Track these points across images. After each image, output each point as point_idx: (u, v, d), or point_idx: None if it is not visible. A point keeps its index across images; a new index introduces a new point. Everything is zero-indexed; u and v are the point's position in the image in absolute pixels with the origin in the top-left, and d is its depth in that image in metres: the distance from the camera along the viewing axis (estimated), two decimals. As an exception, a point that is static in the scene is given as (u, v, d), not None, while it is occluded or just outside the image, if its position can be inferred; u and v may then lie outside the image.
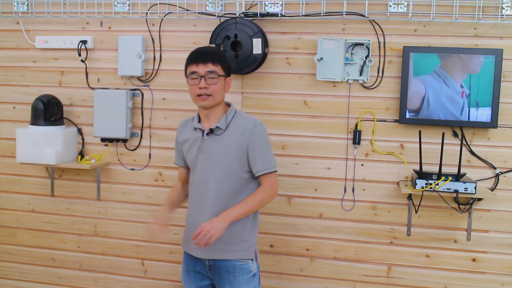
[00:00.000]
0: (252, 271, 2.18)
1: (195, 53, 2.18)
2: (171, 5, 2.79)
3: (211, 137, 2.16)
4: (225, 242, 2.14)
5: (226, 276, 2.16)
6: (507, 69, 2.55)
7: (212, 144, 2.16)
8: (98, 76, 2.95)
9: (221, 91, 2.15)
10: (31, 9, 2.95)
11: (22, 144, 2.83)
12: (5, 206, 3.16)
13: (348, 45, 2.64)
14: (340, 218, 2.78)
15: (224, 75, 2.15)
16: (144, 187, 2.97)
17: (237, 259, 2.16)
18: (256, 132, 2.14)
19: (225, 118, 2.16)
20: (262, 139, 2.16)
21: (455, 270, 2.70)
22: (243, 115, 2.23)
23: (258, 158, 2.13)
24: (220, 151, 2.14)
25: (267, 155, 2.16)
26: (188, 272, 2.27)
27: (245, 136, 2.13)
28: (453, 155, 2.55)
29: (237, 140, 2.13)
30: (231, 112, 2.19)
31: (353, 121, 2.71)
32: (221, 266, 2.16)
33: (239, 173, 2.14)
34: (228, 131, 2.15)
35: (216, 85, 2.11)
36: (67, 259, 3.11)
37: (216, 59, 2.13)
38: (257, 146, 2.14)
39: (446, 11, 2.57)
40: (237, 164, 2.14)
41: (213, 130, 2.16)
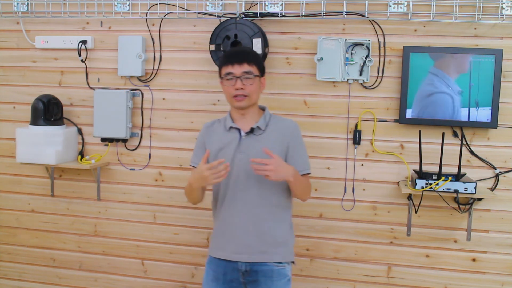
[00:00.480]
0: (288, 275, 2.15)
1: (230, 54, 2.16)
2: (171, 5, 2.79)
3: (250, 137, 2.13)
4: (269, 245, 2.11)
5: (263, 280, 2.10)
6: (507, 69, 2.55)
7: (252, 144, 2.11)
8: (98, 76, 2.95)
9: (257, 92, 2.13)
10: (31, 9, 2.95)
11: (22, 144, 2.83)
12: (5, 206, 3.16)
13: (348, 45, 2.64)
14: (340, 218, 2.78)
15: (259, 75, 2.13)
16: (144, 187, 2.97)
17: (275, 263, 2.12)
18: (297, 133, 2.18)
19: (264, 119, 2.15)
20: (302, 141, 2.19)
21: (455, 270, 2.70)
22: (279, 117, 2.23)
23: (298, 159, 2.14)
24: (261, 150, 2.07)
25: (305, 156, 2.18)
26: (217, 280, 2.15)
27: (287, 136, 2.14)
28: (453, 155, 2.55)
29: (278, 140, 2.12)
30: (268, 114, 2.19)
31: (353, 121, 2.71)
32: (258, 271, 2.10)
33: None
34: (267, 131, 2.14)
35: (252, 85, 2.09)
36: (67, 259, 3.11)
37: (251, 59, 2.11)
38: (298, 147, 2.16)
39: (446, 11, 2.57)
40: None
41: (253, 129, 2.13)
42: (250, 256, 2.10)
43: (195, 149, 2.26)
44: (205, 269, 2.23)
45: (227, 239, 2.14)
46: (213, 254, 2.20)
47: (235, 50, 2.20)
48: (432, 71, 2.56)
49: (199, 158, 2.19)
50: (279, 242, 2.14)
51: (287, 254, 2.16)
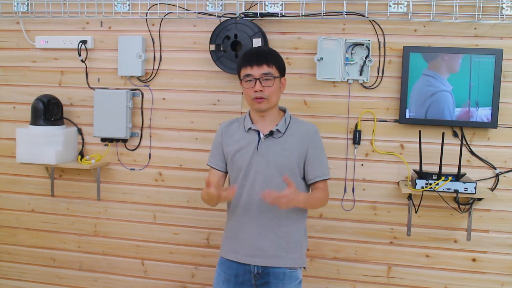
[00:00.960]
0: (299, 278, 2.14)
1: (249, 55, 2.09)
2: (171, 5, 2.79)
3: (269, 139, 2.09)
4: (284, 250, 2.09)
5: (274, 282, 2.08)
6: (507, 69, 2.55)
7: (271, 146, 2.08)
8: (98, 76, 2.95)
9: (277, 93, 2.08)
10: (31, 9, 2.95)
11: (22, 144, 2.83)
12: (5, 206, 3.16)
13: (348, 45, 2.64)
14: (340, 218, 2.78)
15: (279, 76, 2.08)
16: (144, 187, 2.97)
17: (289, 267, 2.10)
18: (317, 137, 2.13)
19: (284, 121, 2.11)
20: (321, 145, 2.15)
21: (455, 270, 2.70)
22: (299, 120, 2.18)
23: (318, 163, 2.11)
24: (280, 154, 2.06)
25: (325, 161, 2.15)
26: (228, 282, 2.13)
27: (306, 140, 2.10)
28: (453, 155, 2.55)
29: (297, 144, 2.09)
30: (288, 116, 2.14)
31: (353, 121, 2.71)
32: (270, 273, 2.09)
33: (296, 177, 2.09)
34: (287, 134, 2.10)
35: (272, 87, 2.04)
36: (67, 259, 3.11)
37: (271, 60, 2.05)
38: (317, 151, 2.12)
39: (446, 11, 2.57)
40: (296, 168, 2.09)
41: (273, 132, 2.09)
42: (263, 260, 2.08)
43: (212, 149, 2.22)
44: (216, 271, 2.20)
45: (240, 241, 2.11)
46: (225, 256, 2.17)
47: (254, 51, 2.14)
48: (426, 72, 2.55)
49: (216, 159, 2.19)
50: (293, 247, 2.12)
51: (300, 259, 2.15)
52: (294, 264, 2.11)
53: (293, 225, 2.11)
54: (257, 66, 2.03)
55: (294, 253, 2.12)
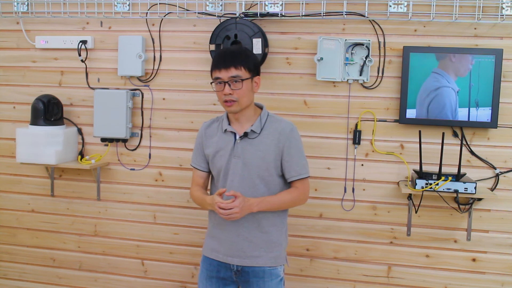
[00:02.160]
0: (280, 275, 2.15)
1: (217, 57, 2.09)
2: (171, 5, 2.79)
3: (244, 140, 2.09)
4: (263, 249, 2.11)
5: (255, 281, 2.11)
6: (507, 69, 2.55)
7: (246, 148, 2.08)
8: (98, 76, 2.95)
9: (248, 95, 2.05)
10: (31, 9, 2.95)
11: (22, 144, 2.83)
12: (5, 206, 3.16)
13: (348, 45, 2.64)
14: (340, 218, 2.78)
15: (249, 77, 2.05)
16: (144, 187, 2.97)
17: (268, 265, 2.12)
18: (293, 136, 2.11)
19: (259, 121, 2.10)
20: (298, 143, 2.13)
21: (455, 270, 2.70)
22: (276, 117, 2.15)
23: (294, 163, 2.09)
24: (256, 155, 2.07)
25: (302, 159, 2.12)
26: (211, 278, 2.18)
27: (282, 139, 2.08)
28: (453, 155, 2.55)
29: (273, 143, 2.08)
30: (264, 115, 2.13)
31: (353, 121, 2.71)
32: (250, 271, 2.11)
33: (273, 177, 2.10)
34: (262, 134, 2.09)
35: (241, 90, 2.02)
36: (67, 259, 3.11)
37: (238, 62, 2.03)
38: (293, 151, 2.09)
39: (446, 11, 2.57)
40: (272, 168, 2.09)
41: (247, 133, 2.09)
42: (242, 260, 2.11)
43: (195, 150, 2.26)
44: (200, 268, 2.25)
45: (220, 241, 2.15)
46: (206, 254, 2.22)
47: (222, 53, 2.11)
48: (435, 71, 2.55)
49: (198, 159, 2.22)
50: (273, 247, 2.13)
51: (280, 258, 2.16)
52: (274, 263, 2.13)
53: (272, 224, 2.13)
54: (225, 69, 2.02)
55: (274, 252, 2.13)
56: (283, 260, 2.17)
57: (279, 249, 2.15)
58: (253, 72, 2.08)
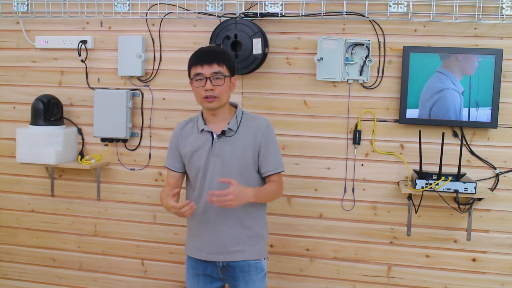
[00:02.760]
0: (264, 269, 2.20)
1: (199, 54, 2.11)
2: (171, 5, 2.79)
3: (222, 139, 2.11)
4: (246, 244, 2.14)
5: (241, 275, 2.14)
6: (507, 69, 2.55)
7: (224, 146, 2.11)
8: (98, 76, 2.95)
9: (227, 92, 2.10)
10: (31, 9, 2.95)
11: (22, 144, 2.83)
12: (5, 206, 3.16)
13: (348, 45, 2.64)
14: (340, 218, 2.78)
15: (229, 75, 2.10)
16: (144, 187, 2.97)
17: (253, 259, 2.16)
18: (269, 132, 2.15)
19: (235, 119, 2.13)
20: (274, 139, 2.17)
21: (455, 270, 2.70)
22: (251, 115, 2.20)
23: (271, 157, 2.13)
24: (234, 152, 2.10)
25: (278, 154, 2.17)
26: (197, 276, 2.21)
27: (258, 136, 2.12)
28: (453, 155, 2.55)
29: (250, 140, 2.11)
30: (239, 113, 2.16)
31: (353, 121, 2.71)
32: (235, 266, 2.14)
33: (252, 173, 2.14)
34: (239, 132, 2.12)
35: (222, 86, 2.06)
36: (67, 259, 3.11)
37: (221, 59, 2.07)
38: (270, 146, 2.14)
39: (446, 11, 2.57)
40: (251, 165, 2.12)
41: (225, 132, 2.11)
42: (226, 256, 2.14)
43: (169, 151, 2.27)
44: (186, 267, 2.28)
45: (203, 240, 2.16)
46: (190, 254, 2.23)
47: (204, 50, 2.13)
48: (439, 70, 2.55)
49: (172, 160, 2.25)
50: (255, 240, 2.17)
51: (263, 250, 2.20)
52: (258, 256, 2.17)
53: (253, 219, 2.16)
54: (208, 65, 2.04)
55: (256, 245, 2.17)
56: (265, 253, 2.21)
57: (261, 242, 2.20)
58: (231, 72, 2.12)
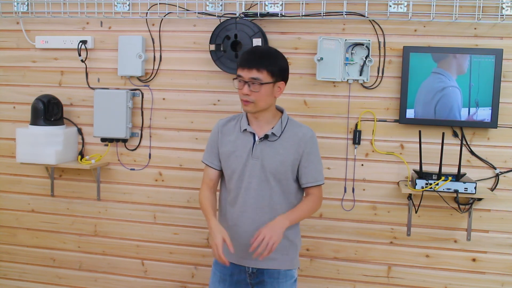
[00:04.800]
0: (294, 276, 2.15)
1: (245, 55, 2.05)
2: (171, 5, 2.79)
3: (264, 142, 2.06)
4: (279, 252, 2.08)
5: (269, 281, 2.09)
6: (507, 69, 2.55)
7: (266, 150, 2.05)
8: (98, 76, 2.95)
9: (265, 99, 2.01)
10: (31, 9, 2.95)
11: (22, 144, 2.83)
12: (5, 206, 3.16)
13: (348, 45, 2.64)
14: (340, 218, 2.78)
15: (271, 81, 2.00)
16: (144, 187, 2.97)
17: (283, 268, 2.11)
18: (313, 142, 2.10)
19: (280, 124, 2.07)
20: (317, 150, 2.12)
21: (455, 270, 2.70)
22: (296, 122, 2.13)
23: (313, 169, 2.08)
24: (275, 158, 2.04)
25: (319, 166, 2.12)
26: (224, 281, 2.15)
27: (302, 145, 2.06)
28: (453, 155, 2.55)
29: (292, 148, 2.05)
30: (285, 119, 2.10)
31: (353, 121, 2.71)
32: (265, 272, 2.10)
33: (289, 181, 2.08)
34: (282, 137, 2.06)
35: (258, 93, 1.98)
36: (67, 259, 3.11)
37: (263, 64, 1.98)
38: (312, 157, 2.08)
39: (446, 11, 2.57)
40: (290, 172, 2.07)
41: (268, 136, 2.05)
42: (257, 263, 2.07)
43: (208, 147, 2.20)
44: (212, 270, 2.21)
45: (235, 243, 2.05)
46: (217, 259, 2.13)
47: (250, 52, 2.06)
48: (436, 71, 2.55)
49: (211, 157, 2.17)
50: (288, 249, 2.12)
51: (295, 260, 2.15)
52: (289, 266, 2.13)
53: (288, 228, 2.06)
54: (248, 69, 1.99)
55: (289, 255, 2.12)
56: (297, 263, 2.17)
57: (294, 251, 2.15)
58: (276, 77, 2.02)
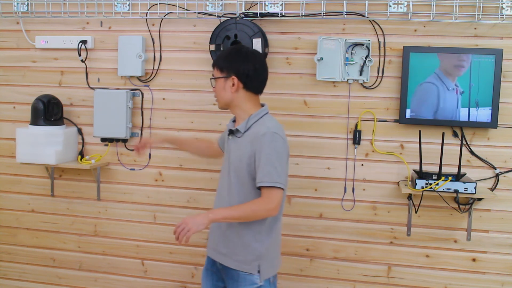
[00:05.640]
0: (256, 283, 2.05)
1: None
2: (171, 5, 2.79)
3: (233, 138, 2.12)
4: (229, 249, 2.10)
5: (230, 282, 2.11)
6: (507, 69, 2.55)
7: (232, 145, 2.12)
8: (98, 76, 2.95)
9: (221, 94, 2.10)
10: (31, 9, 2.95)
11: (22, 144, 2.83)
12: (5, 206, 3.16)
13: (348, 45, 2.64)
14: (340, 218, 2.78)
15: (221, 76, 2.07)
16: (144, 187, 2.96)
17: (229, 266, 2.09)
18: (264, 140, 1.99)
19: (245, 122, 2.09)
20: (268, 149, 1.98)
21: (455, 270, 2.70)
22: (265, 120, 2.08)
23: (260, 168, 1.98)
24: (236, 153, 2.08)
25: (268, 167, 1.96)
26: (207, 270, 2.25)
27: (254, 143, 2.01)
28: (453, 155, 2.55)
29: (248, 145, 2.04)
30: (256, 116, 2.08)
31: (353, 121, 2.71)
32: (227, 272, 2.12)
33: (246, 179, 2.04)
34: (246, 134, 2.07)
35: (215, 88, 2.13)
36: (67, 259, 3.11)
37: (215, 61, 2.13)
38: (261, 155, 1.98)
39: (446, 11, 2.57)
40: (246, 170, 2.04)
41: (233, 131, 2.12)
42: (216, 255, 2.16)
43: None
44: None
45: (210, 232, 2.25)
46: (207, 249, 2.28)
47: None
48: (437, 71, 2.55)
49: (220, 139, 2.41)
50: (239, 250, 2.07)
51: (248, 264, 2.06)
52: (237, 267, 2.06)
53: (243, 228, 2.05)
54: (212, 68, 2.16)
55: (239, 255, 2.07)
56: (251, 269, 2.05)
57: (245, 255, 2.06)
58: (227, 72, 2.07)
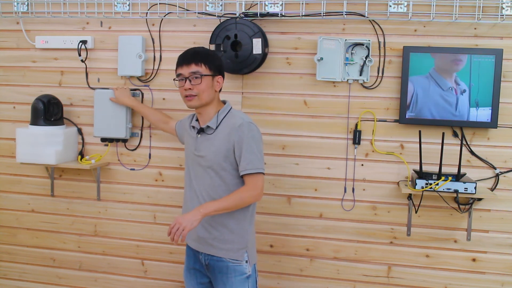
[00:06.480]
0: (245, 273, 2.17)
1: (180, 56, 2.21)
2: (171, 5, 2.79)
3: (203, 136, 2.19)
4: (216, 239, 2.16)
5: (219, 276, 2.16)
6: (507, 69, 2.55)
7: (203, 143, 2.18)
8: (98, 76, 2.95)
9: (208, 91, 2.15)
10: (31, 9, 2.95)
11: (22, 144, 2.83)
12: (5, 206, 3.16)
13: (348, 45, 2.64)
14: (340, 218, 2.78)
15: (210, 74, 2.15)
16: (144, 187, 2.97)
17: (230, 260, 2.15)
18: (242, 130, 2.10)
19: (216, 117, 2.18)
20: (248, 139, 2.10)
21: (455, 270, 2.70)
22: (235, 113, 2.20)
23: (242, 158, 2.10)
24: (210, 149, 2.15)
25: (250, 155, 2.09)
26: (189, 269, 2.31)
27: (232, 135, 2.12)
28: (453, 155, 2.55)
29: (224, 139, 2.13)
30: (224, 111, 2.19)
31: (353, 121, 2.71)
32: (215, 266, 2.17)
33: (228, 171, 2.14)
34: (218, 130, 2.16)
35: (200, 85, 2.13)
36: (67, 259, 3.11)
37: (199, 59, 2.14)
38: (241, 145, 2.10)
39: (446, 11, 2.57)
40: (225, 163, 2.13)
41: (203, 129, 2.19)
42: (198, 245, 2.19)
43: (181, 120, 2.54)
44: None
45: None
46: (186, 241, 2.30)
47: (186, 51, 2.21)
48: (432, 72, 2.56)
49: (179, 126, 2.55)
50: (227, 239, 2.16)
51: (235, 252, 2.16)
52: (226, 256, 2.15)
53: (230, 217, 2.14)
54: (186, 65, 2.14)
55: (227, 244, 2.15)
56: (239, 256, 2.16)
57: (232, 244, 2.16)
58: (214, 71, 2.17)
